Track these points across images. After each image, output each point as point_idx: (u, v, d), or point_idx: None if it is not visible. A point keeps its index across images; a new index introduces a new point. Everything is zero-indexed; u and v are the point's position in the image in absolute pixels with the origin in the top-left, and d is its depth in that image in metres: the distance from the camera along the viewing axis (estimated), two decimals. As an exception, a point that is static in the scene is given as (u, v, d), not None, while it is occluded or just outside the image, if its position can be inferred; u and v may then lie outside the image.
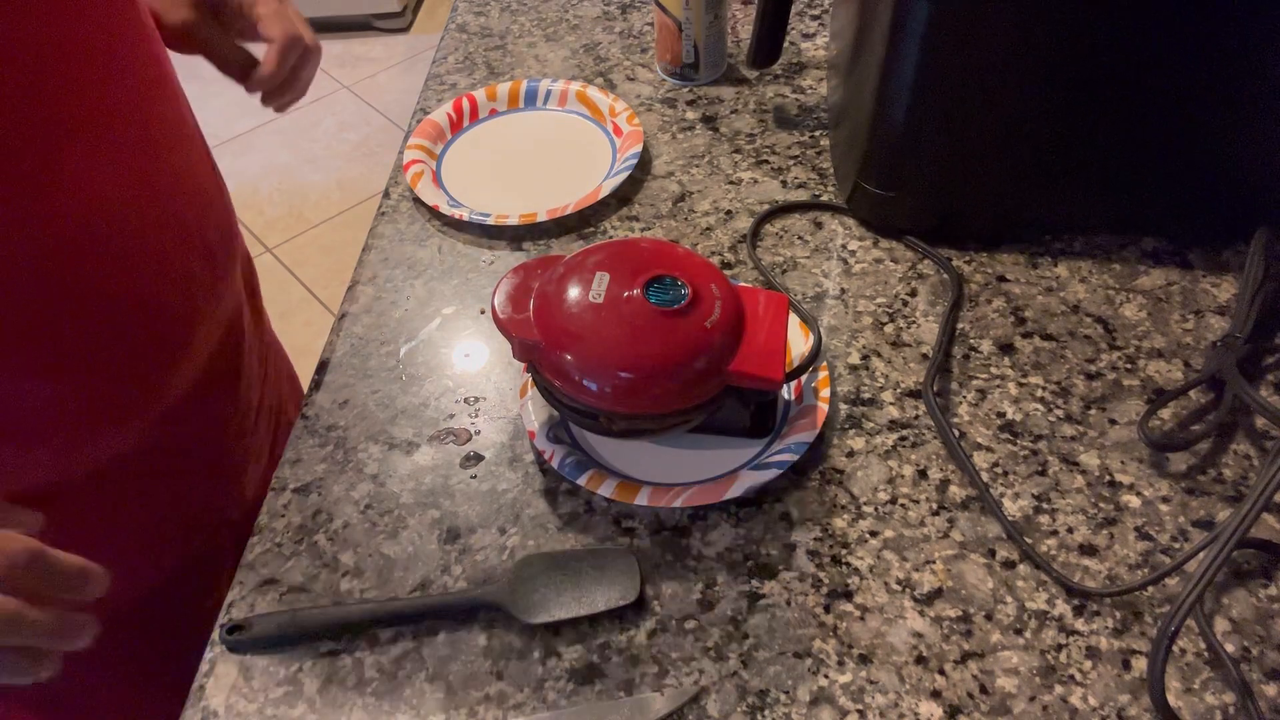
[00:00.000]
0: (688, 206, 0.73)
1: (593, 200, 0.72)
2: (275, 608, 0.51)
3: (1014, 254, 0.67)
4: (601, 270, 0.51)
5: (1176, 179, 0.64)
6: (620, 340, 0.49)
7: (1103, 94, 0.59)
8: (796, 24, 0.91)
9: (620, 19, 0.95)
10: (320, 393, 0.62)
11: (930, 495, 0.54)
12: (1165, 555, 0.50)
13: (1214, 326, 0.62)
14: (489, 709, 0.47)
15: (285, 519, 0.55)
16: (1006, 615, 0.49)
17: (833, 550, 0.52)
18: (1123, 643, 0.47)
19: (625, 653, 0.48)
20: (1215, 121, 0.60)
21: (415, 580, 0.52)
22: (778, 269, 0.68)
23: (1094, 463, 0.55)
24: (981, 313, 0.64)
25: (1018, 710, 0.45)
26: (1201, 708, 0.45)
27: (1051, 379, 0.59)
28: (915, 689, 0.46)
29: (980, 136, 0.62)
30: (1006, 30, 0.57)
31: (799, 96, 0.83)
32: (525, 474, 0.56)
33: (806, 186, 0.74)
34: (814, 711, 0.46)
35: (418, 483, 0.56)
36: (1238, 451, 0.55)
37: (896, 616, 0.49)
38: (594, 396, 0.49)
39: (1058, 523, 0.52)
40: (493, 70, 0.89)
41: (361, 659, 0.49)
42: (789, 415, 0.57)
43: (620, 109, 0.80)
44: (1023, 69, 0.59)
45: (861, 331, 0.63)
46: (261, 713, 0.47)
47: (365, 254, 0.72)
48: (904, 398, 0.59)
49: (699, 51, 0.82)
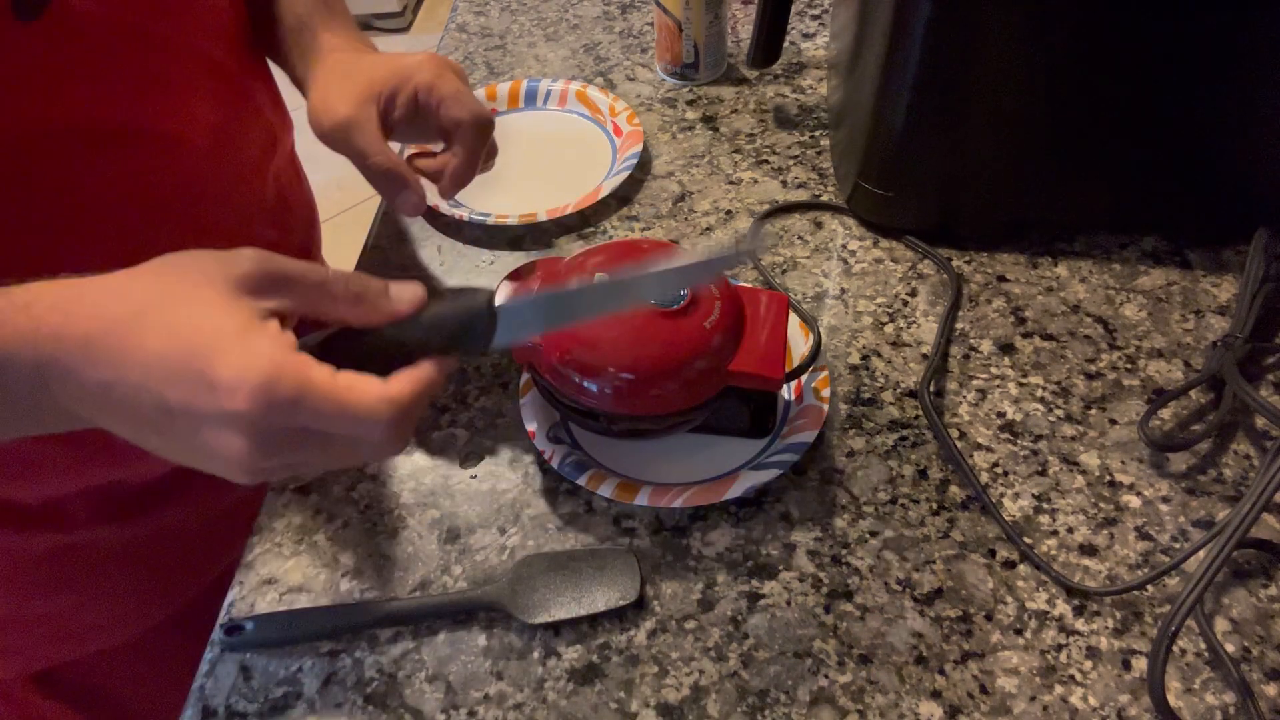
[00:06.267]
0: (688, 206, 0.73)
1: (593, 200, 0.72)
2: (275, 608, 0.51)
3: (1014, 254, 0.67)
4: (601, 271, 0.51)
5: (1176, 179, 0.64)
6: (620, 341, 0.49)
7: (1103, 94, 0.59)
8: (796, 24, 0.91)
9: (620, 19, 0.95)
10: (320, 393, 0.62)
11: (930, 495, 0.54)
12: (1165, 555, 0.50)
13: (1214, 326, 0.62)
14: (489, 709, 0.47)
15: (285, 519, 0.55)
16: (1006, 615, 0.49)
17: (833, 550, 0.52)
18: (1123, 643, 0.47)
19: (625, 653, 0.48)
20: (1216, 122, 0.60)
21: (415, 580, 0.52)
22: (778, 269, 0.68)
23: (1094, 463, 0.55)
24: (981, 313, 0.64)
25: (1018, 710, 0.45)
26: (1201, 708, 0.45)
27: (1051, 379, 0.59)
28: (915, 689, 0.46)
29: (980, 136, 0.62)
30: (1007, 30, 0.57)
31: (799, 96, 0.83)
32: (525, 474, 0.56)
33: (806, 186, 0.74)
34: (814, 711, 0.46)
35: (418, 483, 0.56)
36: (1238, 451, 0.55)
37: (896, 616, 0.49)
38: (594, 398, 0.49)
39: (1058, 523, 0.52)
40: (493, 70, 0.89)
41: (361, 659, 0.49)
42: (789, 415, 0.57)
43: (620, 109, 0.80)
44: (1023, 69, 0.59)
45: (861, 331, 0.63)
46: (261, 713, 0.47)
47: (365, 254, 0.72)
48: (904, 398, 0.59)
49: (699, 51, 0.82)
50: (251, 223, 0.61)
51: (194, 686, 0.49)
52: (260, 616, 0.50)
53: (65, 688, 0.66)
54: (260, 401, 0.33)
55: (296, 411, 0.34)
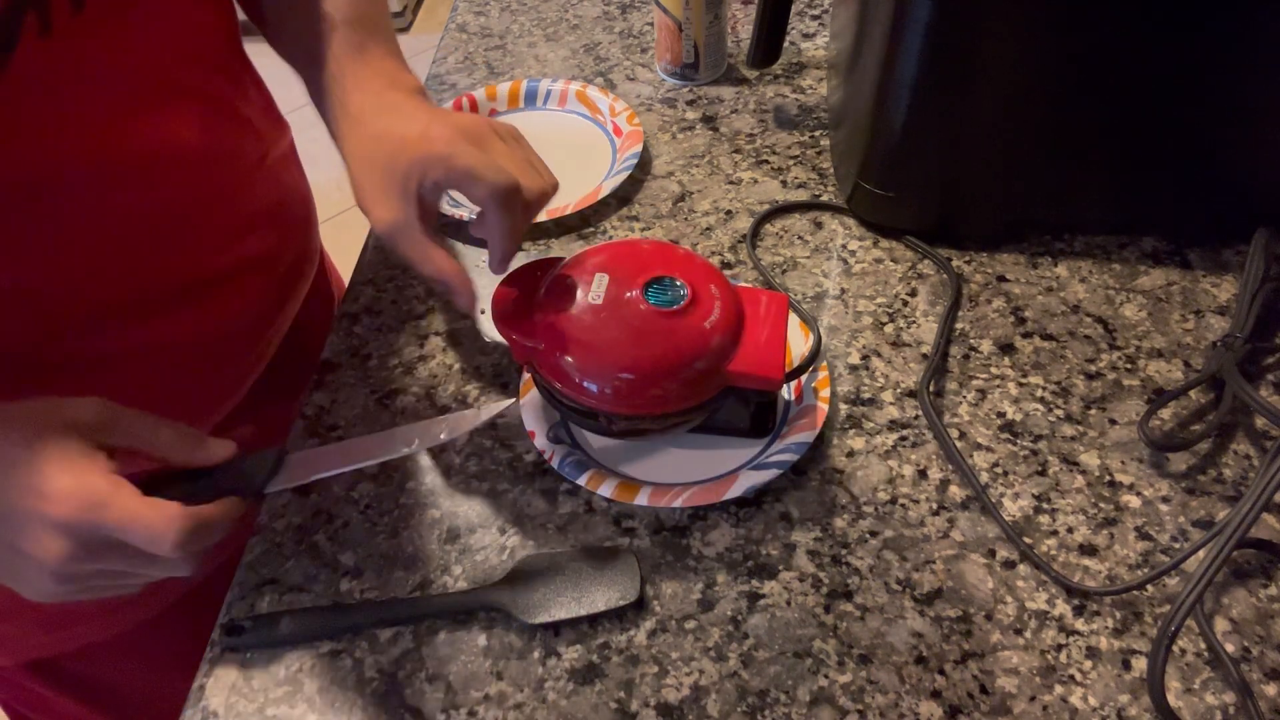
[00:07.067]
0: (688, 206, 0.73)
1: (593, 200, 0.72)
2: (275, 608, 0.51)
3: (1014, 254, 0.67)
4: (601, 271, 0.51)
5: (1176, 179, 0.64)
6: (620, 341, 0.49)
7: (1103, 94, 0.59)
8: (796, 24, 0.91)
9: (620, 19, 0.95)
10: (320, 392, 0.62)
11: (930, 495, 0.54)
12: (1165, 555, 0.50)
13: (1214, 326, 0.62)
14: (489, 709, 0.47)
15: (285, 519, 0.55)
16: (1006, 615, 0.49)
17: (833, 550, 0.52)
18: (1123, 643, 0.47)
19: (625, 653, 0.48)
20: (1215, 122, 0.60)
21: (415, 580, 0.52)
22: (778, 269, 0.68)
23: (1094, 463, 0.55)
24: (981, 313, 0.64)
25: (1018, 710, 0.45)
26: (1201, 708, 0.45)
27: (1051, 379, 0.59)
28: (915, 689, 0.46)
29: (980, 136, 0.62)
30: (1007, 30, 0.57)
31: (799, 96, 0.83)
32: (525, 474, 0.56)
33: (806, 186, 0.74)
34: (814, 711, 0.46)
35: (418, 483, 0.56)
36: (1238, 451, 0.55)
37: (896, 616, 0.49)
38: (594, 397, 0.49)
39: (1058, 523, 0.52)
40: (493, 70, 0.89)
41: (361, 659, 0.49)
42: (789, 415, 0.57)
43: (620, 109, 0.80)
44: (1023, 69, 0.59)
45: (861, 331, 0.63)
46: (261, 713, 0.47)
47: (365, 254, 0.72)
48: (904, 398, 0.59)
49: (699, 51, 0.82)
50: (243, 234, 0.60)
51: (194, 686, 0.49)
52: (260, 616, 0.50)
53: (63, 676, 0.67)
54: (83, 509, 0.40)
55: (105, 520, 0.41)
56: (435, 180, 0.50)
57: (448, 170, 0.49)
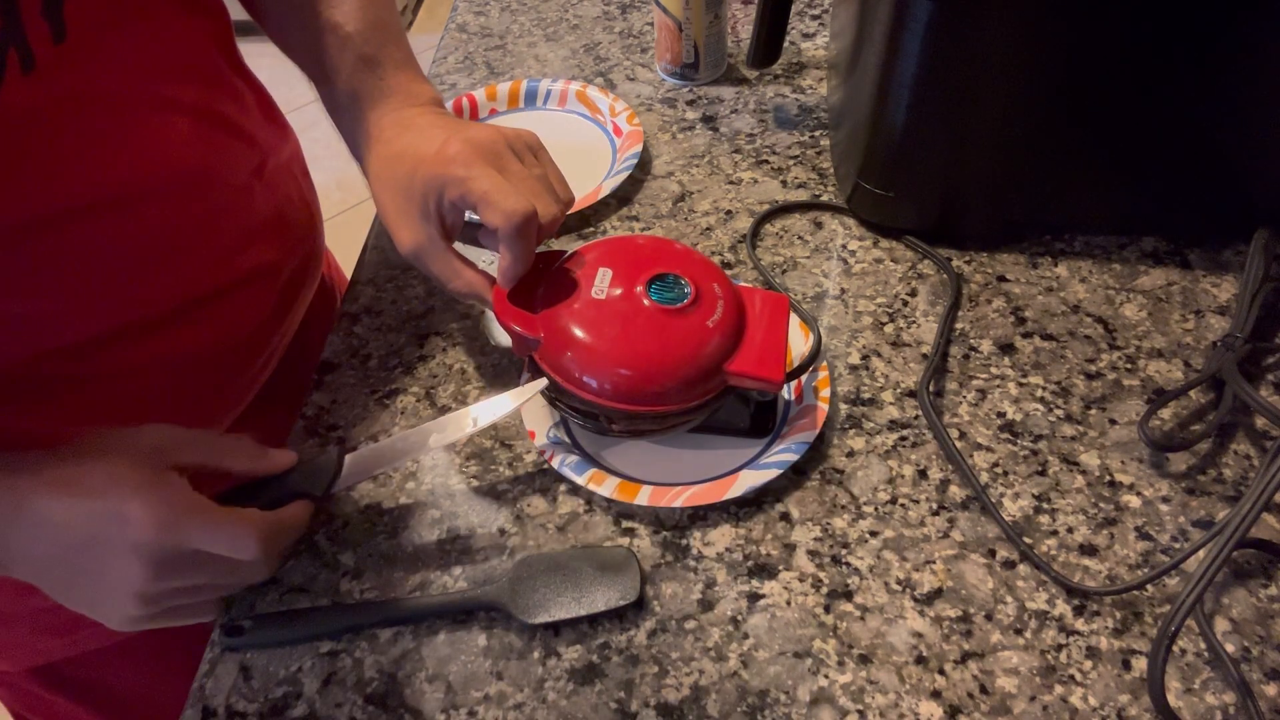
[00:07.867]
0: (688, 206, 0.73)
1: (593, 200, 0.72)
2: (275, 608, 0.51)
3: (1014, 254, 0.67)
4: (604, 266, 0.51)
5: (1176, 179, 0.64)
6: (621, 337, 0.49)
7: (1103, 94, 0.59)
8: (796, 24, 0.91)
9: (620, 19, 0.95)
10: (320, 392, 0.62)
11: (930, 495, 0.54)
12: (1165, 555, 0.50)
13: (1214, 326, 0.62)
14: (489, 709, 0.47)
15: (285, 519, 0.55)
16: (1006, 615, 0.49)
17: (833, 550, 0.52)
18: (1123, 643, 0.47)
19: (625, 653, 0.48)
20: (1215, 122, 0.60)
21: (415, 580, 0.52)
22: (778, 269, 0.68)
23: (1094, 463, 0.55)
24: (981, 313, 0.64)
25: (1018, 710, 0.45)
26: (1201, 708, 0.45)
27: (1051, 379, 0.59)
28: (915, 689, 0.46)
29: (981, 137, 0.62)
30: (1007, 30, 0.57)
31: (799, 96, 0.83)
32: (525, 474, 0.56)
33: (806, 186, 0.74)
34: (814, 711, 0.46)
35: (418, 483, 0.56)
36: (1238, 451, 0.55)
37: (896, 616, 0.49)
38: (594, 394, 0.49)
39: (1058, 523, 0.52)
40: (493, 70, 0.89)
41: (361, 659, 0.49)
42: (789, 415, 0.57)
43: (620, 109, 0.80)
44: (1023, 69, 0.59)
45: (861, 331, 0.63)
46: (261, 713, 0.47)
47: (365, 254, 0.72)
48: (904, 398, 0.59)
49: (699, 51, 0.82)
50: (242, 248, 0.59)
51: (194, 686, 0.49)
52: (260, 616, 0.50)
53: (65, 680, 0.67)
54: (164, 526, 0.42)
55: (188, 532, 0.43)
56: (452, 200, 0.50)
57: (464, 193, 0.49)
